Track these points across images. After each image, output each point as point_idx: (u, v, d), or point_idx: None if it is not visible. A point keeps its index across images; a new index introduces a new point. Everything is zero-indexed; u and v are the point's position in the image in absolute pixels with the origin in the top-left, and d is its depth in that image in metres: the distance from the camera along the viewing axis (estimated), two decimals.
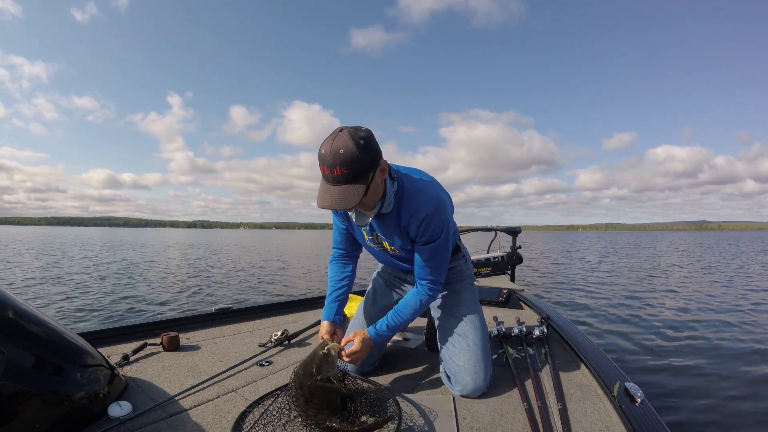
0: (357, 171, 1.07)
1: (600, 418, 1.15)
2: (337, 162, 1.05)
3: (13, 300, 1.10)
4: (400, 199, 1.26)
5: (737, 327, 4.33)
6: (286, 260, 14.23)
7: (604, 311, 5.27)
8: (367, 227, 1.40)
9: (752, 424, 2.20)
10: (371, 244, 1.46)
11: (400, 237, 1.34)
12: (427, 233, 1.26)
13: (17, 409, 0.94)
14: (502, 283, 3.34)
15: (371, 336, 1.34)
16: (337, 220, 1.49)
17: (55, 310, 5.24)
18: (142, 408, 1.15)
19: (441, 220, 1.25)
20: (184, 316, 2.07)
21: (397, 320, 1.37)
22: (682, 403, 2.44)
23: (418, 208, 1.24)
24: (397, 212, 1.27)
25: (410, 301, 1.38)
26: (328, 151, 1.06)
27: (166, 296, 6.40)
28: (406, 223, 1.28)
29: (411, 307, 1.37)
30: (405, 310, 1.37)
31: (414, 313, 1.38)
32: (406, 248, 1.37)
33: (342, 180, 1.07)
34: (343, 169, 1.05)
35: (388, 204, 1.24)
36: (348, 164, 1.05)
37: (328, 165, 1.06)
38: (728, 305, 5.56)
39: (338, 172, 1.06)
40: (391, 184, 1.24)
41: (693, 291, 6.99)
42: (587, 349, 1.57)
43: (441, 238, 1.28)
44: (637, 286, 7.61)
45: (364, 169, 1.08)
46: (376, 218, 1.31)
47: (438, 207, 1.24)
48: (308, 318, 2.27)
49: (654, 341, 3.80)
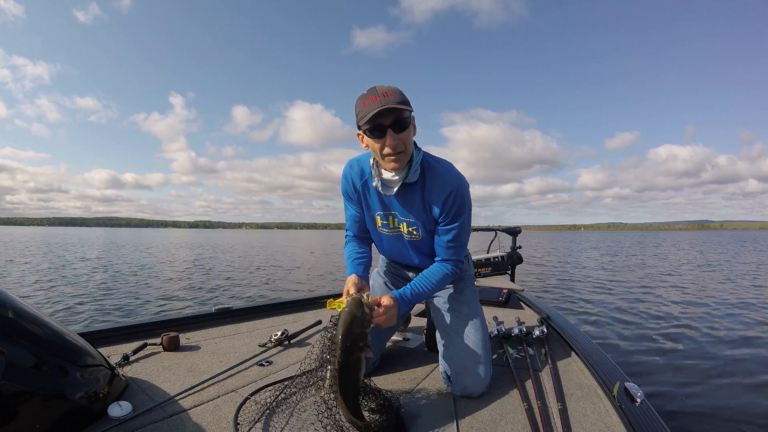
0: (405, 100, 1.17)
1: (600, 418, 1.15)
2: (392, 90, 1.15)
3: (13, 300, 1.10)
4: (425, 170, 1.29)
5: (738, 327, 4.32)
6: (288, 260, 14.23)
7: (604, 311, 5.27)
8: (380, 212, 1.39)
9: (752, 424, 2.20)
10: (384, 229, 1.43)
11: (424, 212, 1.33)
12: (453, 211, 1.28)
13: (17, 409, 0.94)
14: (502, 283, 3.34)
15: (396, 298, 1.25)
16: (351, 206, 1.47)
17: (55, 310, 5.25)
18: (142, 408, 1.15)
19: (465, 197, 1.29)
20: (184, 316, 2.07)
21: (422, 287, 1.32)
22: (683, 403, 2.44)
23: (444, 181, 1.28)
24: (422, 182, 1.30)
25: (437, 269, 1.37)
26: (372, 90, 1.16)
27: (168, 297, 6.40)
28: (430, 197, 1.29)
29: (437, 276, 1.35)
30: (431, 278, 1.34)
31: (439, 282, 1.35)
32: (426, 228, 1.35)
33: (396, 100, 1.14)
34: (395, 95, 1.15)
35: (414, 171, 1.26)
36: (397, 94, 1.15)
37: (383, 91, 1.15)
38: (730, 305, 5.56)
39: (393, 94, 1.15)
40: (417, 152, 1.29)
41: (694, 291, 6.98)
42: (587, 349, 1.57)
43: (465, 216, 1.31)
44: (638, 286, 7.60)
45: (408, 102, 1.17)
46: (399, 192, 1.30)
47: (462, 183, 1.29)
48: (308, 318, 2.27)
49: (654, 341, 3.80)
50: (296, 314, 2.39)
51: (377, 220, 1.43)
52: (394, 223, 1.40)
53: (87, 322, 4.72)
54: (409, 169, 1.26)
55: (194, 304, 5.87)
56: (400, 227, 1.39)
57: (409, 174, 1.26)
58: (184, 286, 7.59)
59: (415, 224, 1.36)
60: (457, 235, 1.33)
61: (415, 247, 1.43)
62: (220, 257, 15.28)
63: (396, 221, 1.39)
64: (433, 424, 1.12)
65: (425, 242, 1.40)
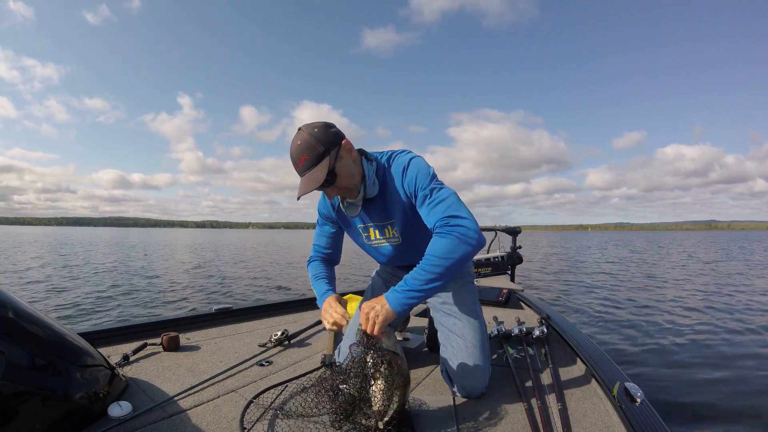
0: (317, 155, 1.16)
1: (600, 418, 1.15)
2: (299, 153, 1.16)
3: (13, 300, 1.10)
4: (384, 176, 1.30)
5: (739, 327, 4.32)
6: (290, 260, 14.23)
7: (604, 311, 5.27)
8: (361, 225, 1.41)
9: (753, 424, 2.20)
10: (367, 241, 1.46)
11: (394, 211, 1.31)
12: (414, 181, 1.23)
13: (17, 409, 0.94)
14: (502, 283, 3.34)
15: (386, 296, 1.13)
16: (326, 224, 1.51)
17: (56, 310, 5.25)
18: (142, 408, 1.15)
19: (419, 164, 1.26)
20: (184, 316, 2.07)
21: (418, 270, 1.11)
22: (683, 403, 2.44)
23: (400, 170, 1.27)
24: (385, 188, 1.30)
25: (431, 242, 1.14)
26: (292, 149, 1.18)
27: (170, 297, 6.40)
28: (397, 190, 1.27)
29: (434, 247, 1.11)
30: (428, 254, 1.11)
31: (441, 255, 1.09)
32: (406, 224, 1.32)
33: (307, 167, 1.16)
34: (305, 157, 1.16)
35: (372, 185, 1.28)
36: (307, 150, 1.15)
37: (294, 160, 1.17)
38: (731, 306, 5.56)
39: (302, 162, 1.16)
40: (369, 165, 1.29)
41: (695, 291, 6.98)
42: (587, 350, 1.57)
43: (429, 178, 1.22)
44: (638, 286, 7.60)
45: (323, 151, 1.16)
46: (365, 207, 1.33)
47: (414, 158, 1.28)
48: (308, 318, 2.27)
49: (654, 341, 3.80)
50: (296, 314, 2.39)
51: (361, 233, 1.46)
52: (375, 235, 1.43)
53: (87, 322, 4.72)
54: (365, 187, 1.28)
55: (194, 304, 5.87)
56: (380, 235, 1.42)
57: (368, 191, 1.28)
58: (185, 286, 7.59)
59: (394, 227, 1.37)
60: (431, 196, 1.19)
61: (401, 248, 1.43)
62: (221, 257, 15.28)
63: (375, 233, 1.42)
64: (433, 424, 1.12)
65: (408, 239, 1.40)
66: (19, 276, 8.49)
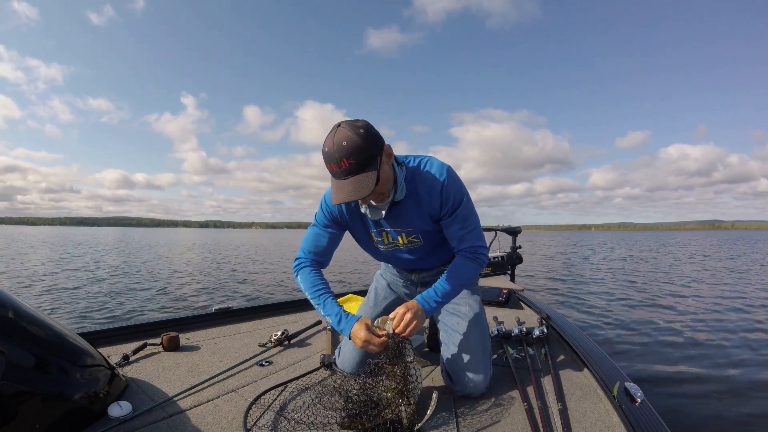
0: (364, 159, 1.06)
1: (600, 418, 1.15)
2: (344, 155, 1.04)
3: (13, 300, 1.10)
4: (413, 181, 1.26)
5: (740, 328, 4.32)
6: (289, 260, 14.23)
7: (604, 311, 5.27)
8: (375, 229, 1.37)
9: (753, 424, 2.20)
10: (380, 245, 1.42)
11: (420, 219, 1.29)
12: (450, 199, 1.24)
13: (17, 409, 0.94)
14: (502, 283, 3.34)
15: (421, 306, 1.23)
16: (330, 226, 1.38)
17: (56, 309, 5.25)
18: (142, 408, 1.15)
19: (457, 181, 1.25)
20: (184, 316, 2.07)
21: (448, 286, 1.27)
22: (683, 403, 2.44)
23: (433, 179, 1.24)
24: (414, 194, 1.26)
25: (460, 263, 1.30)
26: (331, 147, 1.06)
27: (170, 297, 6.40)
28: (427, 201, 1.26)
29: (463, 270, 1.29)
30: (457, 274, 1.28)
31: (467, 277, 1.29)
32: (426, 230, 1.32)
33: (352, 171, 1.06)
34: (350, 160, 1.05)
35: (401, 190, 1.24)
36: (354, 154, 1.04)
37: (335, 160, 1.06)
38: (731, 306, 5.55)
39: (346, 164, 1.05)
40: (400, 170, 1.24)
41: (695, 291, 6.98)
42: (587, 349, 1.57)
43: (465, 200, 1.26)
44: (639, 287, 7.60)
45: (370, 156, 1.07)
46: (388, 212, 1.28)
47: (449, 171, 1.25)
48: (308, 318, 2.27)
49: (654, 341, 3.79)
50: (296, 314, 2.39)
51: (372, 237, 1.41)
52: (389, 239, 1.39)
53: (87, 322, 4.72)
54: (395, 192, 1.23)
55: (194, 304, 5.87)
56: (397, 240, 1.37)
57: (396, 195, 1.24)
58: (185, 286, 7.59)
59: (413, 233, 1.34)
60: (466, 219, 1.27)
61: (415, 252, 1.42)
62: (224, 257, 15.28)
63: (390, 237, 1.37)
64: (433, 424, 1.12)
65: (426, 245, 1.39)
66: (19, 276, 8.50)
